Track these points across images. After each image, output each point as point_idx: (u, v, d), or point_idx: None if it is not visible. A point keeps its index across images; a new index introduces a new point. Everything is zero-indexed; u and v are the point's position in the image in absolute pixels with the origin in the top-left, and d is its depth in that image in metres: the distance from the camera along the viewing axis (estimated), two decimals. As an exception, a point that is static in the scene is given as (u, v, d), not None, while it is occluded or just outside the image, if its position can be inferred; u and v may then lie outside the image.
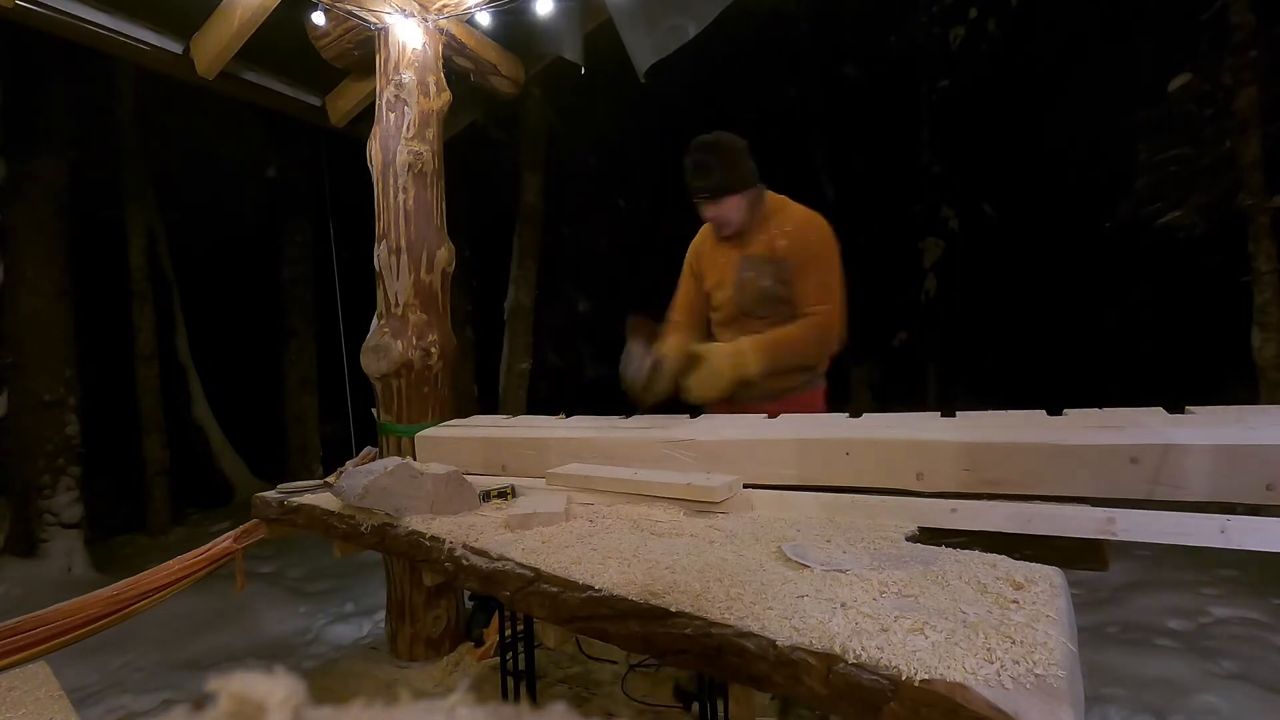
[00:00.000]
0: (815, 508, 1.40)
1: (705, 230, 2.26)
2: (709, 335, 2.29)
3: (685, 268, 2.31)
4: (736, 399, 2.06)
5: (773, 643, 0.82)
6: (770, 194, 2.16)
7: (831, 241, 2.08)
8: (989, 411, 1.57)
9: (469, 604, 3.04)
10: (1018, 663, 0.72)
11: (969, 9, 6.98)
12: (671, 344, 2.06)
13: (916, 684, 0.70)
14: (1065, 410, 1.48)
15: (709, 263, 2.23)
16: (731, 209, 2.07)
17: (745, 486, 1.49)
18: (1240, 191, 4.59)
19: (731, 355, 1.97)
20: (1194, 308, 6.62)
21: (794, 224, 2.09)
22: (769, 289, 2.07)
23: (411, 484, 1.57)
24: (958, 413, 1.58)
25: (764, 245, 2.10)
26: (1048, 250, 7.58)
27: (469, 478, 1.67)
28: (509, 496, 1.66)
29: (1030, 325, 7.92)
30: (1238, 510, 1.11)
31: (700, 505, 1.45)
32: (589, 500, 1.60)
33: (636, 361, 1.97)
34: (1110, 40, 6.33)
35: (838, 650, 0.77)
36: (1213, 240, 5.26)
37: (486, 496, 1.64)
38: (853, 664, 0.75)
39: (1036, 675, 0.70)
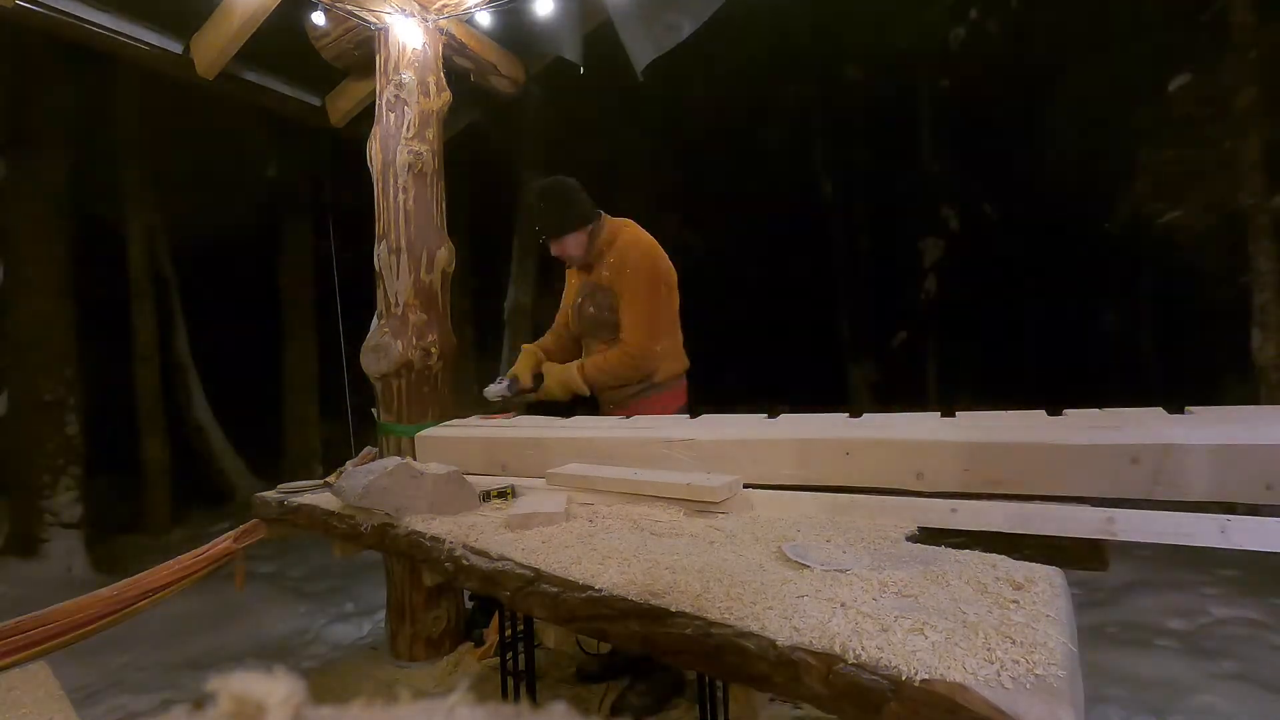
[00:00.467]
0: (815, 508, 1.40)
1: None
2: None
3: (566, 282, 2.56)
4: (602, 406, 2.40)
5: (773, 643, 0.82)
6: (610, 221, 2.36)
7: (648, 271, 2.28)
8: (989, 411, 1.57)
9: (469, 604, 3.04)
10: (1018, 663, 0.72)
11: (969, 9, 6.98)
12: (525, 358, 2.46)
13: (917, 684, 0.70)
14: (1065, 410, 1.48)
15: (570, 280, 2.52)
16: (571, 245, 2.32)
17: (745, 486, 1.49)
18: (1240, 191, 4.60)
19: (559, 376, 2.34)
20: (1194, 308, 6.63)
21: (617, 256, 2.30)
22: (598, 317, 2.33)
23: (411, 484, 1.57)
24: (958, 413, 1.58)
25: (597, 275, 2.34)
26: (1048, 250, 7.59)
27: (469, 478, 1.67)
28: (509, 496, 1.65)
29: (1030, 325, 7.92)
30: (1238, 510, 1.11)
31: (700, 505, 1.45)
32: (589, 500, 1.60)
33: (499, 384, 2.41)
34: (1110, 40, 6.33)
35: (838, 650, 0.77)
36: (1213, 240, 5.26)
37: (486, 496, 1.64)
38: (853, 664, 0.75)
39: (1036, 675, 0.70)
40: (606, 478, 1.60)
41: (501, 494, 1.65)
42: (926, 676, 0.71)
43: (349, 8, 2.65)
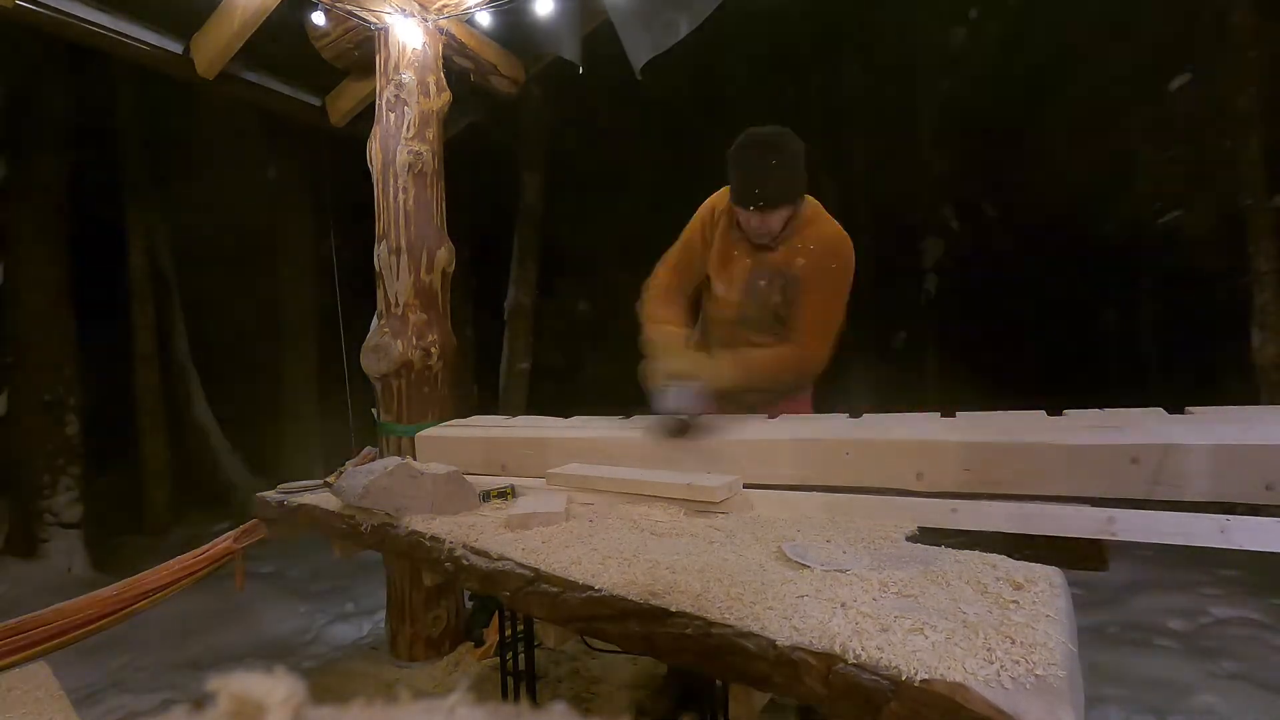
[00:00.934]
0: (815, 507, 1.40)
1: (723, 201, 2.03)
2: (695, 312, 2.18)
3: (694, 230, 2.08)
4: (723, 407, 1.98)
5: (773, 643, 0.82)
6: (808, 199, 1.97)
7: (847, 268, 1.94)
8: (989, 412, 1.57)
9: (469, 604, 3.04)
10: (1017, 663, 0.72)
11: (969, 9, 6.98)
12: (671, 334, 1.99)
13: (917, 684, 0.70)
14: (1065, 410, 1.48)
15: (721, 245, 2.03)
16: (779, 220, 1.87)
17: (745, 486, 1.49)
18: (1240, 191, 4.59)
19: (710, 368, 1.90)
20: (1194, 308, 6.62)
21: (816, 242, 1.93)
22: (776, 304, 1.97)
23: (411, 484, 1.57)
24: (958, 413, 1.58)
25: (781, 259, 1.94)
26: (1048, 250, 7.58)
27: (469, 478, 1.67)
28: (509, 496, 1.66)
29: (1030, 325, 7.92)
30: (1238, 510, 1.11)
31: (700, 505, 1.45)
32: (589, 500, 1.60)
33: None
34: (1110, 40, 6.33)
35: (838, 650, 0.78)
36: (1213, 240, 5.26)
37: (486, 496, 1.64)
38: (853, 664, 0.75)
39: (1036, 675, 0.70)
40: (606, 478, 1.60)
41: (501, 494, 1.65)
42: (926, 676, 0.71)
43: (349, 8, 2.65)
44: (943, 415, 1.58)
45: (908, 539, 1.20)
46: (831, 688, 0.76)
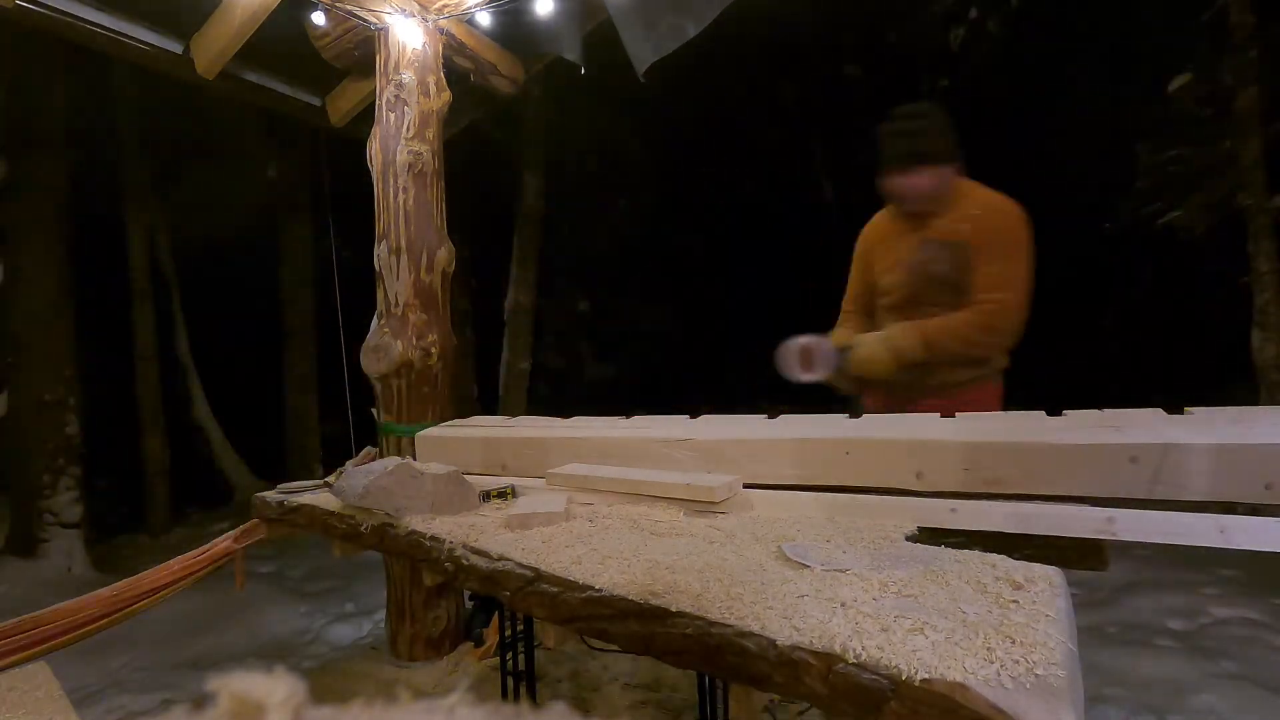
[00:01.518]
0: (815, 507, 1.40)
1: (879, 217, 2.17)
2: (877, 325, 2.18)
3: (856, 255, 2.22)
4: (897, 394, 1.99)
5: (773, 642, 0.82)
6: (963, 179, 2.01)
7: (1021, 230, 1.93)
8: (988, 412, 1.57)
9: (469, 604, 3.04)
10: (1018, 662, 0.72)
11: (969, 9, 6.98)
12: (836, 335, 2.08)
13: (917, 683, 0.70)
14: (1065, 410, 1.48)
15: (881, 248, 2.12)
16: (924, 180, 1.92)
17: (745, 487, 1.49)
18: (1240, 191, 4.60)
19: (882, 340, 1.92)
20: (1194, 308, 6.62)
21: (981, 208, 1.96)
22: (944, 274, 1.94)
23: (412, 484, 1.57)
24: (957, 413, 1.58)
25: (945, 229, 1.97)
26: (1047, 250, 7.57)
27: (469, 478, 1.67)
28: (509, 496, 1.65)
29: (1030, 325, 7.91)
30: (1238, 510, 1.11)
31: (700, 505, 1.45)
32: (589, 500, 1.60)
33: (803, 361, 1.97)
34: (1110, 40, 6.33)
35: (838, 650, 0.78)
36: (1213, 240, 5.26)
37: (486, 496, 1.64)
38: (853, 664, 0.75)
39: (1037, 675, 0.70)
40: (606, 477, 1.60)
41: (502, 494, 1.65)
42: (927, 676, 0.71)
43: (349, 8, 2.65)
44: (942, 415, 1.58)
45: (907, 539, 1.20)
46: (832, 687, 0.76)
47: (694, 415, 1.95)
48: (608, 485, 1.59)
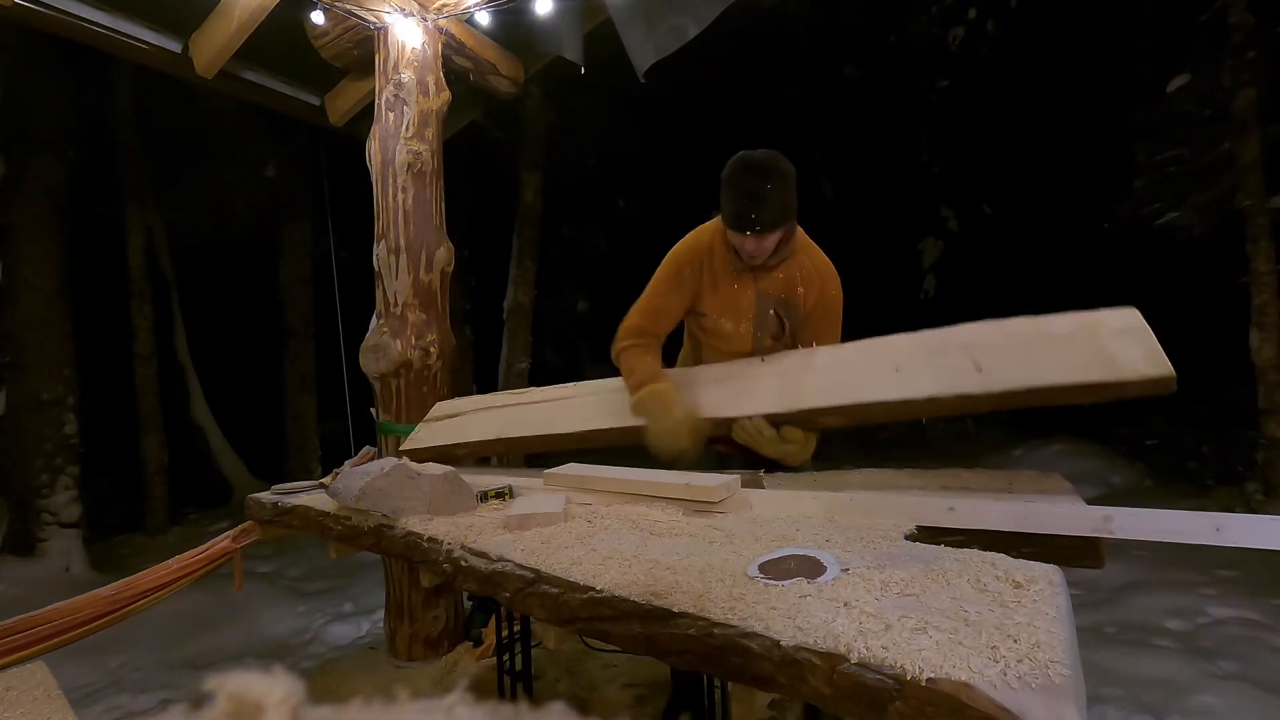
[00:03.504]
0: (815, 507, 1.40)
1: (705, 243, 2.00)
2: (689, 357, 2.16)
3: (672, 274, 2.01)
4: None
5: (777, 643, 0.81)
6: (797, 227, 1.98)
7: (840, 297, 2.00)
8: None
9: (468, 604, 3.04)
10: (1021, 661, 0.72)
11: (969, 9, 6.99)
12: (648, 365, 1.93)
13: (922, 683, 0.70)
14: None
15: (709, 285, 2.00)
16: (774, 241, 1.87)
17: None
18: (1239, 192, 4.60)
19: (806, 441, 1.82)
20: (1192, 308, 6.63)
21: (819, 271, 1.97)
22: (780, 333, 1.97)
23: (408, 484, 1.56)
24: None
25: (784, 284, 1.95)
26: (1047, 250, 7.59)
27: (466, 477, 1.67)
28: (506, 497, 1.65)
29: (1029, 325, 7.91)
30: (1236, 509, 1.11)
31: (699, 505, 1.44)
32: (587, 500, 1.59)
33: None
34: (1110, 40, 6.33)
35: (842, 650, 0.77)
36: (1211, 240, 5.26)
37: (484, 497, 1.63)
38: (857, 664, 0.75)
39: (1040, 674, 0.70)
40: (604, 478, 1.60)
41: (499, 494, 1.64)
42: (932, 676, 0.70)
43: (348, 7, 2.65)
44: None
45: (906, 538, 1.20)
46: (836, 687, 0.76)
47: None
48: (605, 485, 1.59)
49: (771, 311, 1.96)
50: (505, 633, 2.09)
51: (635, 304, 2.04)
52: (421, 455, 2.17)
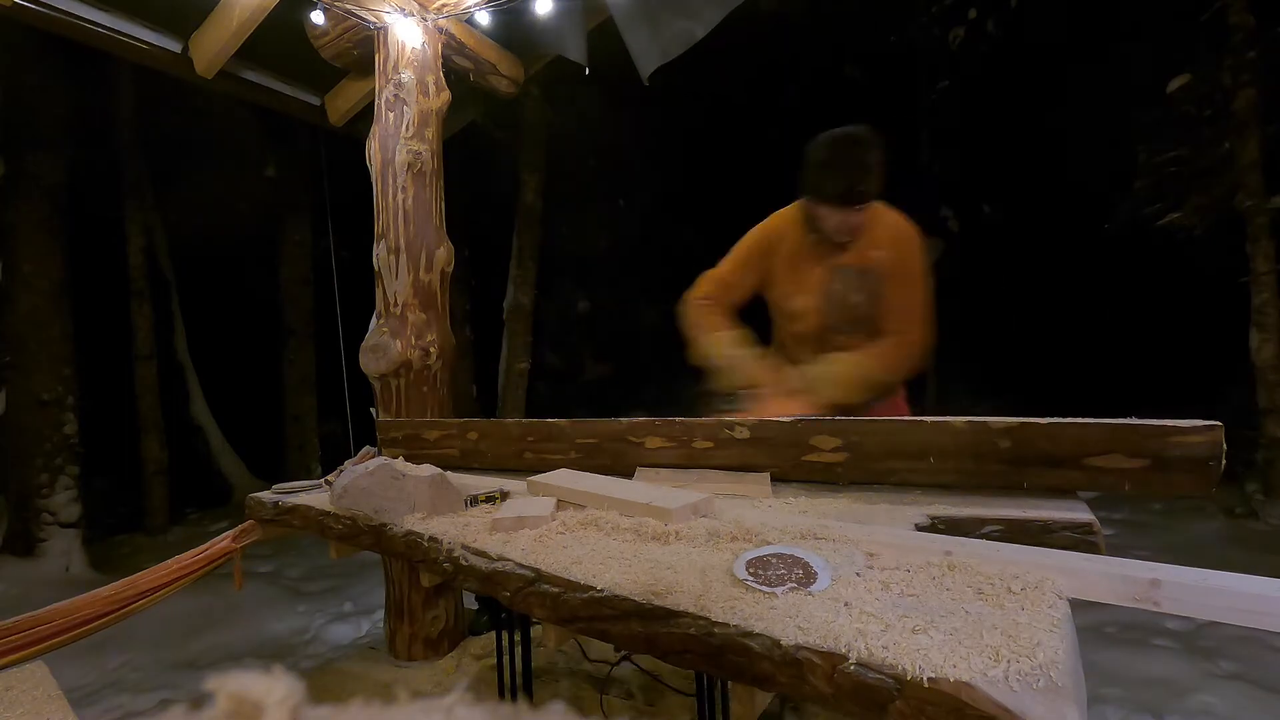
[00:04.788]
0: (815, 506, 1.40)
1: (786, 224, 2.02)
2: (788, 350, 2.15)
3: (749, 251, 2.06)
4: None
5: (777, 642, 0.81)
6: None
7: (922, 255, 1.94)
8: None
9: (472, 608, 3.03)
10: (1022, 661, 0.72)
11: (969, 9, 6.99)
12: (714, 321, 2.03)
13: (923, 683, 0.70)
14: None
15: (786, 265, 2.01)
16: (861, 217, 1.87)
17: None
18: (1239, 192, 4.60)
19: (855, 364, 1.88)
20: (1192, 308, 6.63)
21: (891, 235, 1.93)
22: (858, 303, 1.93)
23: (393, 485, 1.53)
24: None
25: (857, 255, 1.92)
26: (1047, 251, 7.59)
27: (454, 480, 1.64)
28: (498, 501, 1.60)
29: (1029, 326, 7.92)
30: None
31: (658, 524, 1.34)
32: (579, 503, 1.57)
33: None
34: (1110, 40, 6.33)
35: (842, 649, 0.77)
36: (1211, 241, 5.27)
37: (474, 501, 1.59)
38: (857, 663, 0.75)
39: (1041, 674, 0.70)
40: (586, 491, 1.50)
41: (490, 498, 1.60)
42: (933, 675, 0.70)
43: (348, 7, 2.65)
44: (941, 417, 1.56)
45: (918, 528, 1.20)
46: (837, 687, 0.76)
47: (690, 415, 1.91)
48: (585, 499, 1.50)
49: (839, 286, 1.94)
50: (505, 633, 2.09)
51: (712, 270, 2.13)
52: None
